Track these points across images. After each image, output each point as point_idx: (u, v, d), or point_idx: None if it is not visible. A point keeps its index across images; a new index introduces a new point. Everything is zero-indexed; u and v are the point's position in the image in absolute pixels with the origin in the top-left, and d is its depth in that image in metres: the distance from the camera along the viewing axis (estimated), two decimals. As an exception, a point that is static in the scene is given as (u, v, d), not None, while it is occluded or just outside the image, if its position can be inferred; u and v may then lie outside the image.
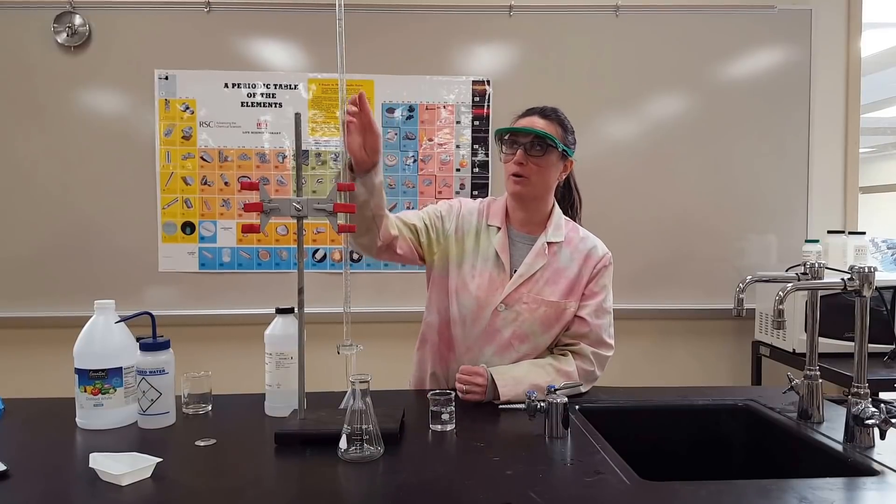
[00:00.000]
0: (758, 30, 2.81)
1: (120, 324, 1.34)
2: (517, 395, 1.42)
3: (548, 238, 1.57)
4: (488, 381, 1.45)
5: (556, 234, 1.59)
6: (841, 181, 2.91)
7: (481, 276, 1.56)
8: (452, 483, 1.03)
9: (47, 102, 2.68)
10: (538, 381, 1.46)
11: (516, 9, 2.76)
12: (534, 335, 1.55)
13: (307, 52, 2.74)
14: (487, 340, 1.55)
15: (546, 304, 1.54)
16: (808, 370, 1.36)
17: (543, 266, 1.55)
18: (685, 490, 1.01)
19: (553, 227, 1.59)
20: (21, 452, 1.16)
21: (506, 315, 1.54)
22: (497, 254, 1.56)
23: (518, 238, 1.60)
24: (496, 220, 1.60)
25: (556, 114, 1.59)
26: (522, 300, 1.54)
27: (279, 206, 1.25)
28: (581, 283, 1.58)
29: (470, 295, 1.55)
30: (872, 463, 1.13)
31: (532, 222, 1.60)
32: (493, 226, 1.60)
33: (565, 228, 1.62)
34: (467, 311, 1.55)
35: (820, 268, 1.34)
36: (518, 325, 1.54)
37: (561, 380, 1.48)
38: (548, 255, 1.57)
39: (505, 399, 1.43)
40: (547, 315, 1.54)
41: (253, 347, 1.60)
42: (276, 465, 1.12)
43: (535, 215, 1.60)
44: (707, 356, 2.92)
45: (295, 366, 1.32)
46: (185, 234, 2.74)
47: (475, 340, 1.56)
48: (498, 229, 1.59)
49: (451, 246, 1.59)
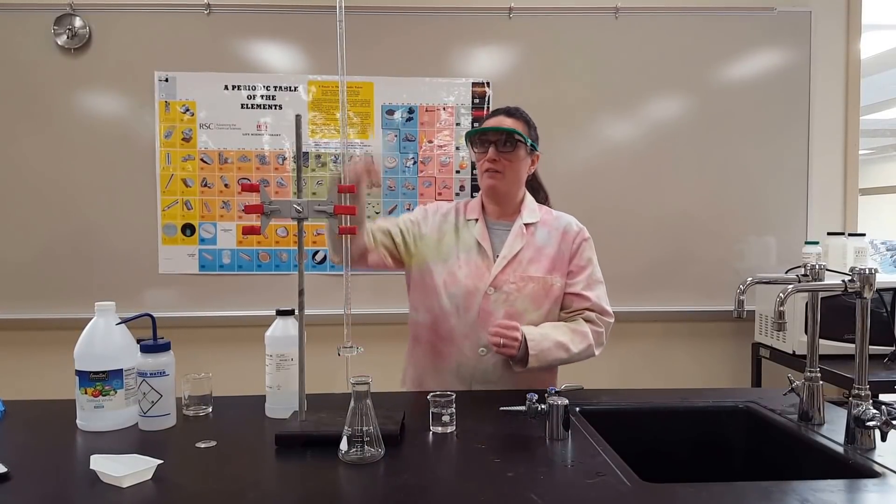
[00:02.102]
0: (757, 32, 2.82)
1: (120, 326, 1.34)
2: (542, 350, 1.53)
3: (524, 220, 1.68)
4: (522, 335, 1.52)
5: (532, 216, 1.69)
6: (841, 183, 2.91)
7: (468, 266, 1.63)
8: (453, 485, 1.03)
9: (47, 104, 2.68)
10: (559, 338, 1.57)
11: (516, 11, 2.76)
12: (526, 312, 1.62)
13: (307, 54, 2.74)
14: (482, 325, 1.59)
15: (532, 281, 1.63)
16: (809, 372, 1.36)
17: (524, 246, 1.65)
18: (686, 492, 1.00)
19: (527, 210, 1.70)
20: (21, 454, 1.16)
21: (496, 297, 1.61)
22: (478, 243, 1.65)
23: (495, 226, 1.69)
24: (473, 214, 1.70)
25: (521, 112, 1.69)
26: (510, 280, 1.61)
27: (279, 208, 1.25)
28: (563, 259, 1.67)
29: (459, 284, 1.61)
30: (873, 465, 1.13)
31: (506, 213, 1.70)
32: (472, 219, 1.69)
33: (540, 212, 1.72)
34: (459, 301, 1.61)
35: (820, 269, 1.34)
36: (509, 304, 1.61)
37: (577, 339, 1.59)
38: (526, 236, 1.66)
39: (535, 352, 1.52)
40: (535, 291, 1.62)
41: (253, 349, 1.61)
42: (276, 466, 1.12)
43: (509, 207, 1.70)
44: (707, 358, 2.92)
45: (295, 367, 1.33)
46: (186, 236, 2.75)
47: (471, 327, 1.61)
48: (476, 221, 1.68)
49: (432, 246, 1.67)
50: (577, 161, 2.82)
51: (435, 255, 1.66)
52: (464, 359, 1.61)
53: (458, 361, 1.62)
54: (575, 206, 2.78)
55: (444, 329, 1.63)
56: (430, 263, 1.65)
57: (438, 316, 1.63)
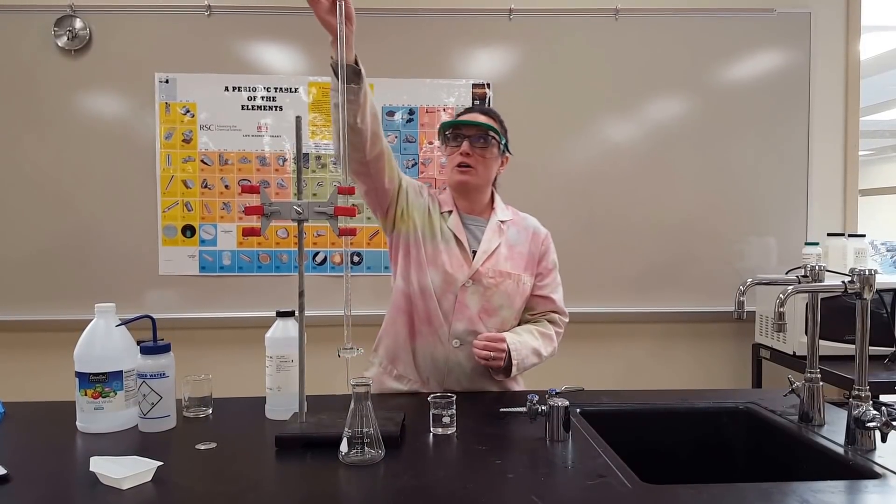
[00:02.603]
0: (757, 33, 2.82)
1: (120, 327, 1.34)
2: (522, 358, 1.55)
3: (499, 217, 1.69)
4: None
5: (504, 214, 1.72)
6: (840, 184, 2.91)
7: (447, 254, 1.62)
8: (453, 486, 1.03)
9: (48, 106, 2.68)
10: (534, 345, 1.60)
11: (516, 12, 2.76)
12: (501, 309, 1.63)
13: (307, 56, 2.74)
14: (457, 316, 1.60)
15: (509, 277, 1.64)
16: (809, 373, 1.36)
17: (501, 243, 1.66)
18: (686, 493, 1.00)
19: (500, 208, 1.72)
20: (21, 456, 1.16)
21: (473, 290, 1.61)
22: (455, 235, 1.65)
23: (469, 220, 1.69)
24: (448, 206, 1.70)
25: (495, 113, 1.70)
26: (488, 275, 1.62)
27: (280, 210, 1.25)
28: (533, 260, 1.70)
29: (438, 271, 1.61)
30: (874, 466, 1.13)
31: (475, 209, 1.70)
32: (446, 211, 1.69)
33: (508, 210, 1.75)
34: (437, 287, 1.60)
35: (820, 270, 1.34)
36: (486, 299, 1.61)
37: (546, 343, 1.64)
38: (503, 233, 1.68)
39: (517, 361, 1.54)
40: (510, 288, 1.64)
41: (253, 350, 1.61)
42: (276, 468, 1.12)
43: (477, 205, 1.70)
44: (707, 359, 2.92)
45: (295, 369, 1.33)
46: (186, 238, 2.75)
47: (446, 316, 1.60)
48: (451, 213, 1.68)
49: (424, 219, 1.66)
50: (578, 162, 2.82)
51: (427, 229, 1.64)
52: (438, 347, 1.60)
53: (433, 348, 1.60)
54: (576, 206, 2.82)
55: (427, 307, 1.61)
56: (420, 235, 1.62)
57: (426, 291, 1.60)
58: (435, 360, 1.61)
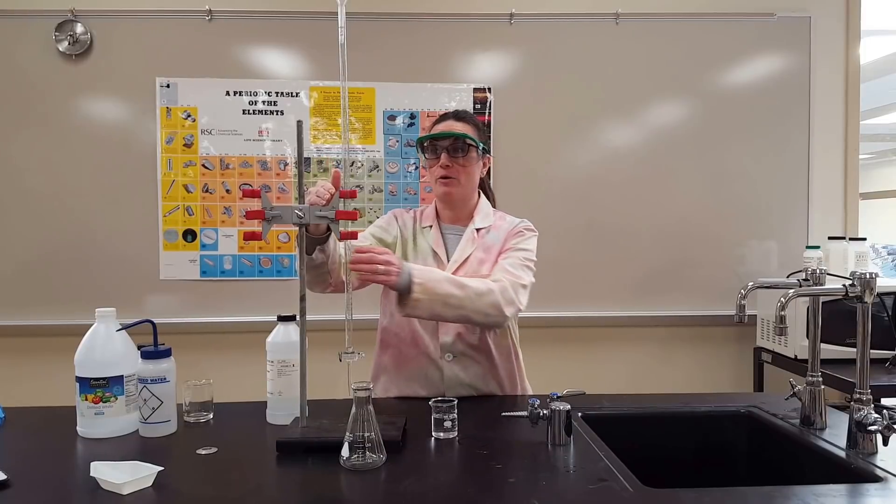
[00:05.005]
0: (757, 37, 2.82)
1: (121, 332, 1.34)
2: (430, 279, 1.42)
3: (476, 225, 1.68)
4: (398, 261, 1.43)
5: (484, 220, 1.69)
6: (841, 187, 2.91)
7: None
8: (455, 491, 1.03)
9: (49, 110, 2.69)
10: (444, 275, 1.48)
11: (517, 17, 2.77)
12: None
13: (309, 60, 2.75)
14: (442, 329, 1.61)
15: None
16: (811, 376, 1.36)
17: (475, 249, 1.64)
18: (688, 497, 1.00)
19: (481, 215, 1.69)
20: (22, 461, 1.16)
21: None
22: (433, 250, 1.65)
23: (449, 231, 1.70)
24: (428, 221, 1.71)
25: (469, 115, 1.69)
26: None
27: (281, 214, 1.25)
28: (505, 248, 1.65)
29: None
30: (875, 469, 1.13)
31: (460, 218, 1.70)
32: (426, 226, 1.70)
33: (494, 217, 1.72)
34: None
35: (821, 274, 1.34)
36: None
37: (475, 282, 1.48)
38: (478, 240, 1.66)
39: (420, 280, 1.40)
40: None
41: (254, 355, 1.60)
42: (277, 473, 1.12)
43: (463, 212, 1.70)
44: (709, 363, 2.92)
45: (296, 373, 1.32)
46: (187, 242, 2.75)
47: (432, 332, 1.61)
48: (430, 227, 1.69)
49: (398, 247, 1.67)
50: (579, 166, 2.82)
51: (401, 255, 1.65)
52: (430, 367, 1.61)
53: (425, 370, 1.61)
54: (577, 210, 2.82)
55: (411, 330, 1.62)
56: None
57: (402, 319, 1.60)
58: (430, 379, 1.62)
